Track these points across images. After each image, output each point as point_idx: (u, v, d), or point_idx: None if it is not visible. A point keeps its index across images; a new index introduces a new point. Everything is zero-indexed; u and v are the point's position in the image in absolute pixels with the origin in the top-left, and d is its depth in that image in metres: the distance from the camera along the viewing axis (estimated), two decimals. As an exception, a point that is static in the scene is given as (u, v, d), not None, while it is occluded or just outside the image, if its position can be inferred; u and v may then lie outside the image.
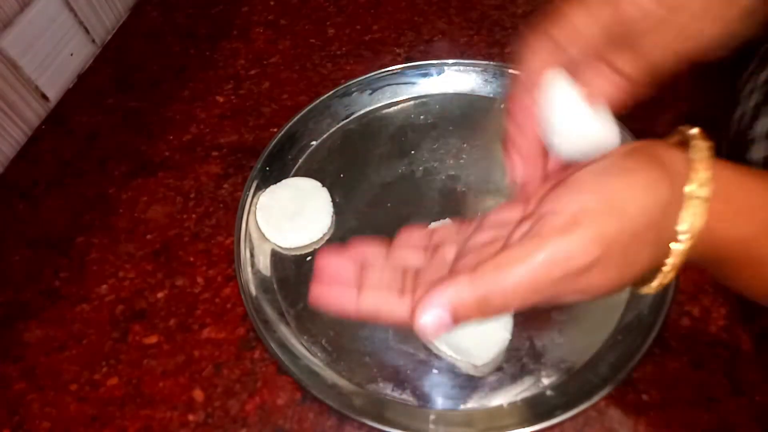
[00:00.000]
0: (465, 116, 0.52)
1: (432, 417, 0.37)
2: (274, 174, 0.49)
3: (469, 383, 0.38)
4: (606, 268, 0.22)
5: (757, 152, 0.37)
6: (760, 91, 0.39)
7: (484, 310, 0.22)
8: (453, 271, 0.25)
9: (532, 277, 0.21)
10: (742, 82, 0.42)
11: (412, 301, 0.24)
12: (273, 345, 0.40)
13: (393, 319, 0.25)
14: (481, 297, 0.22)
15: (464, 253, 0.26)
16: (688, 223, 0.22)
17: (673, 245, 0.23)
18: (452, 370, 0.39)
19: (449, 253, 0.27)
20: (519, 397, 0.37)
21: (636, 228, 0.22)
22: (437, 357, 0.39)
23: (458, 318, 0.22)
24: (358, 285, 0.27)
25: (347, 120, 0.53)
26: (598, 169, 0.23)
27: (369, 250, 0.29)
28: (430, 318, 0.22)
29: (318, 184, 0.48)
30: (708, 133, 0.24)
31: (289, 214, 0.46)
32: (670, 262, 0.23)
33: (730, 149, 0.40)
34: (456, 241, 0.28)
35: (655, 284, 0.24)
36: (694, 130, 0.24)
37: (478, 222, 0.28)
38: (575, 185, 0.23)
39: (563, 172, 0.27)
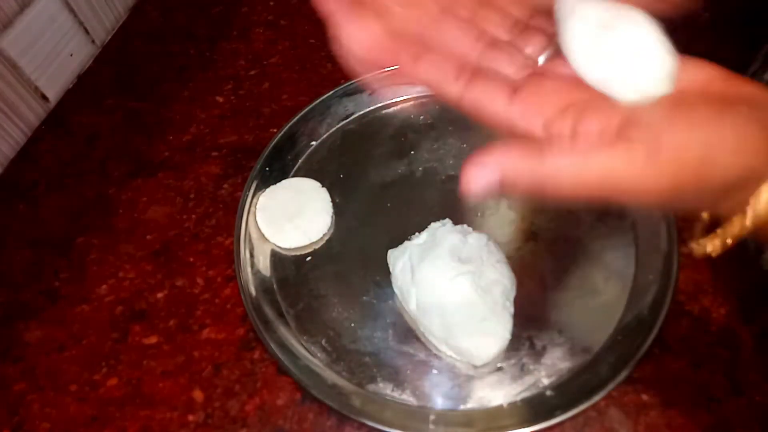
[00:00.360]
0: (465, 116, 0.52)
1: (432, 417, 0.37)
2: (274, 174, 0.49)
3: (469, 383, 0.38)
4: (662, 196, 0.21)
5: None
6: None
7: (534, 188, 0.21)
8: (516, 92, 0.23)
9: (598, 182, 0.21)
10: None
11: (467, 166, 0.22)
12: (273, 345, 0.40)
13: (442, 95, 0.24)
14: (540, 177, 0.21)
15: (538, 73, 0.24)
16: (764, 202, 0.21)
17: (739, 215, 0.22)
18: (452, 370, 0.39)
19: (532, 42, 0.25)
20: (519, 397, 0.37)
21: (711, 183, 0.21)
22: (437, 357, 0.39)
23: (509, 185, 0.21)
24: (428, 36, 0.25)
25: (347, 120, 0.53)
26: (720, 109, 0.21)
27: None
28: (481, 174, 0.21)
29: (318, 184, 0.48)
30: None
31: (289, 215, 0.46)
32: (730, 231, 0.23)
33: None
34: (547, 34, 0.25)
35: (704, 246, 0.24)
36: None
37: None
38: (693, 113, 0.21)
39: None
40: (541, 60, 0.25)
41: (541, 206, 0.45)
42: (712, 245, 0.24)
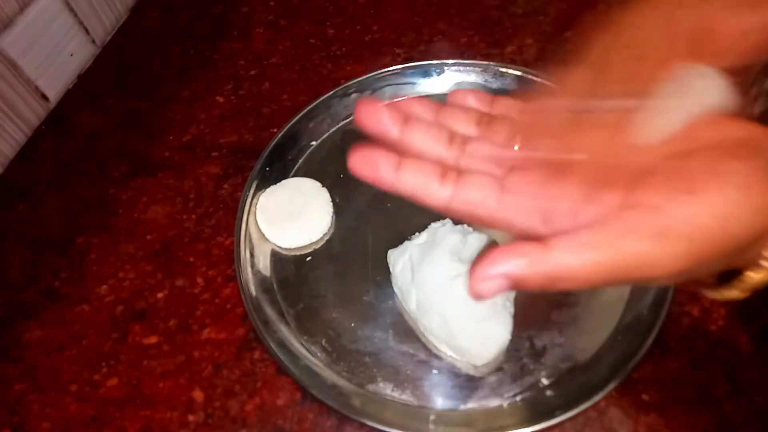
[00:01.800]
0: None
1: (432, 417, 0.37)
2: (274, 174, 0.49)
3: (469, 383, 0.38)
4: (678, 273, 0.20)
5: None
6: (765, 98, 0.39)
7: (547, 285, 0.21)
8: (505, 189, 0.23)
9: (606, 269, 0.20)
10: (747, 85, 0.42)
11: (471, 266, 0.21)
12: (273, 345, 0.40)
13: (429, 203, 0.23)
14: (548, 274, 0.20)
15: (519, 166, 0.23)
16: None
17: (749, 272, 0.21)
18: (452, 370, 0.39)
19: (501, 132, 0.25)
20: (519, 397, 0.37)
21: (728, 250, 0.20)
22: (437, 357, 0.39)
23: (519, 286, 0.21)
24: (400, 146, 0.25)
25: (347, 120, 0.53)
26: (716, 171, 0.20)
27: (418, 104, 0.26)
28: (489, 286, 0.21)
29: (318, 184, 0.48)
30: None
31: (289, 215, 0.46)
32: (744, 286, 0.22)
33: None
34: (514, 121, 0.25)
35: (726, 295, 0.23)
36: None
37: (541, 106, 0.25)
38: (688, 179, 0.20)
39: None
40: (516, 147, 0.25)
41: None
42: (732, 294, 0.23)
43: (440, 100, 0.27)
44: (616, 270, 0.20)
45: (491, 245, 0.41)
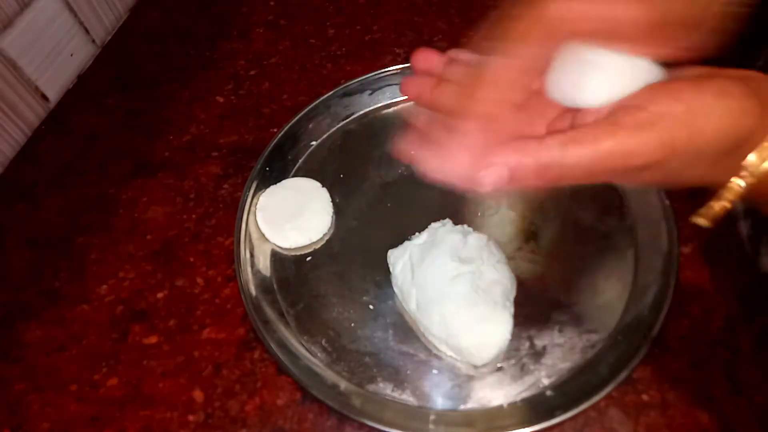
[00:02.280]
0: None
1: (432, 417, 0.37)
2: (274, 174, 0.49)
3: (469, 383, 0.38)
4: (659, 171, 0.22)
5: None
6: None
7: (540, 178, 0.23)
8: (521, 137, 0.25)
9: (592, 161, 0.22)
10: None
11: (474, 155, 0.24)
12: (273, 345, 0.40)
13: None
14: (542, 166, 0.23)
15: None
16: (755, 165, 0.22)
17: (733, 179, 0.23)
18: (452, 371, 0.39)
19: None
20: (519, 398, 0.37)
21: (704, 149, 0.22)
22: (437, 357, 0.39)
23: (515, 180, 0.23)
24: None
25: (347, 120, 0.53)
26: (698, 82, 0.23)
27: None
28: (490, 174, 0.23)
29: (318, 184, 0.48)
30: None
31: (289, 215, 0.46)
32: (726, 196, 0.24)
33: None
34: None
35: (705, 216, 0.25)
36: None
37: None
38: (671, 89, 0.23)
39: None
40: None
41: (541, 206, 0.45)
42: (712, 212, 0.25)
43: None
44: (601, 161, 0.22)
45: (491, 243, 0.41)
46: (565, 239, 0.44)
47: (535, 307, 0.40)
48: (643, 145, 0.22)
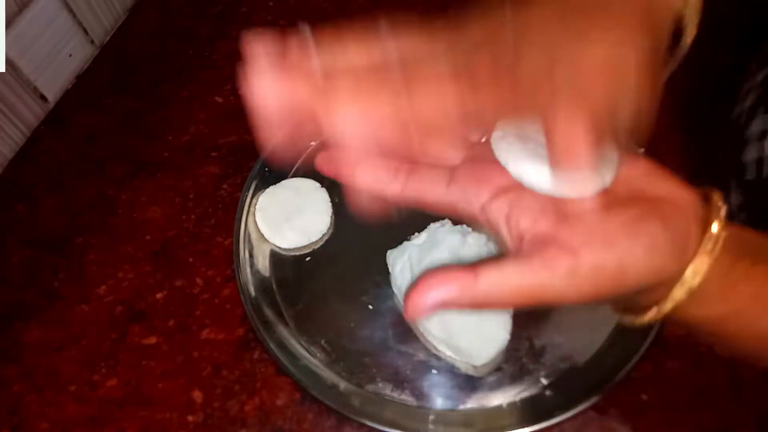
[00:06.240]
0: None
1: (431, 417, 0.37)
2: (273, 174, 0.49)
3: (468, 383, 0.38)
4: (586, 300, 0.23)
5: (750, 153, 0.37)
6: (756, 92, 0.39)
7: (474, 307, 0.23)
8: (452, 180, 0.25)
9: (523, 297, 0.23)
10: (742, 81, 0.42)
11: (408, 296, 0.24)
12: (272, 345, 0.40)
13: (384, 195, 0.27)
14: (475, 299, 0.23)
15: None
16: (670, 303, 0.23)
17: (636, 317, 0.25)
18: (452, 371, 0.39)
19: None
20: (518, 397, 0.37)
21: (625, 293, 0.23)
22: (437, 357, 0.39)
23: (451, 308, 0.23)
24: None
25: (346, 120, 0.53)
26: (633, 228, 0.22)
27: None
28: (423, 311, 0.23)
29: (317, 184, 0.48)
30: (706, 133, 0.24)
31: (289, 215, 0.46)
32: (648, 317, 0.25)
33: (726, 149, 0.40)
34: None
35: (637, 321, 0.25)
36: (721, 211, 0.23)
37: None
38: (606, 232, 0.22)
39: None
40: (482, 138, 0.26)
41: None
42: (624, 320, 0.26)
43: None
44: (531, 298, 0.23)
45: (490, 243, 0.41)
46: (565, 239, 0.44)
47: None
48: (573, 290, 0.22)
